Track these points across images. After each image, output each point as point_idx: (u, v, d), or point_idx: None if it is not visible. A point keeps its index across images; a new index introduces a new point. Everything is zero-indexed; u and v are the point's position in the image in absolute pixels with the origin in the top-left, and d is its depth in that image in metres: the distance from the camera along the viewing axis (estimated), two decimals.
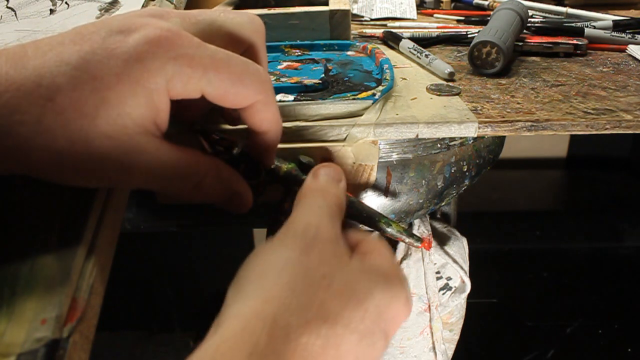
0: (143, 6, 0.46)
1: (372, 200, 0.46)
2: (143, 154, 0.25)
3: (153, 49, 0.24)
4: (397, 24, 0.67)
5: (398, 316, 0.25)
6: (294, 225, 0.26)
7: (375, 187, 0.45)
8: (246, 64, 0.27)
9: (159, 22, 0.26)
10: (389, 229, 0.34)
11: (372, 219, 0.35)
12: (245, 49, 0.31)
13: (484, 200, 1.63)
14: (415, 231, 0.56)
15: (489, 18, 0.57)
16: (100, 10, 0.47)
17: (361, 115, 0.38)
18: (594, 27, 0.61)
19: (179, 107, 0.29)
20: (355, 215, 0.34)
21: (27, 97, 0.23)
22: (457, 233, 0.61)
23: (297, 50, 0.53)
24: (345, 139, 0.38)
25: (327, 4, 0.54)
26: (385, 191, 0.45)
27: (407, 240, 0.35)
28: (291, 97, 0.41)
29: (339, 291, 0.23)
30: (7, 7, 0.47)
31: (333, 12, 0.52)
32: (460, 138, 0.45)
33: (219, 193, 0.30)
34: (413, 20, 0.70)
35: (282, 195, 0.35)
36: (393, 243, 0.58)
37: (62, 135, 0.23)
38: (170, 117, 0.27)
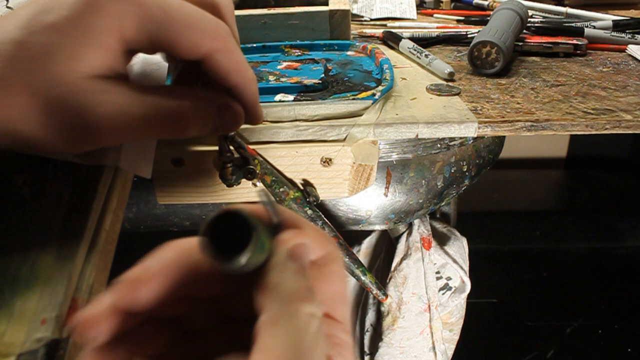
0: None
1: (372, 200, 0.46)
2: (101, 98, 0.24)
3: None
4: (397, 24, 0.67)
5: None
6: None
7: (375, 187, 0.45)
8: (200, 12, 0.26)
9: None
10: (362, 277, 0.38)
11: (350, 266, 0.38)
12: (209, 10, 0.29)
13: (484, 200, 1.63)
14: (415, 231, 0.56)
15: (488, 18, 0.57)
16: None
17: (361, 115, 0.38)
18: (594, 27, 0.61)
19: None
20: None
21: None
22: (457, 233, 0.61)
23: (297, 50, 0.53)
24: (345, 139, 0.38)
25: (327, 4, 0.54)
26: (385, 191, 0.45)
27: (374, 291, 0.40)
28: (291, 97, 0.41)
29: None
30: (7, 7, 0.47)
31: (333, 12, 0.52)
32: (460, 138, 0.45)
33: (206, 118, 0.28)
34: (413, 20, 0.70)
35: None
36: (393, 242, 0.58)
37: (22, 89, 0.23)
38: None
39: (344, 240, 0.36)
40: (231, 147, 0.34)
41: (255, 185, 0.36)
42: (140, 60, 0.36)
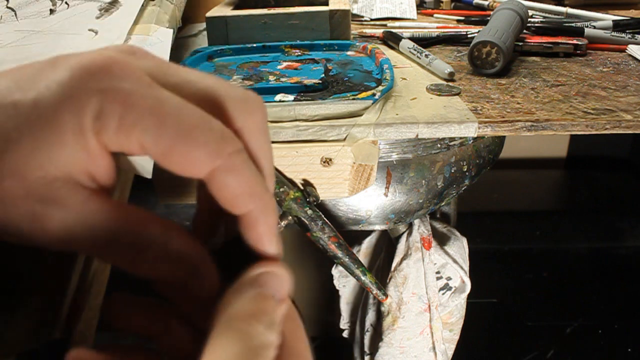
0: (143, 6, 0.46)
1: (372, 200, 0.46)
2: (61, 206, 0.20)
3: (81, 79, 0.20)
4: (397, 24, 0.67)
5: None
6: None
7: (375, 187, 0.45)
8: (204, 118, 0.20)
9: (110, 51, 0.21)
10: (362, 277, 0.38)
11: (350, 266, 0.38)
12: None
13: (484, 200, 1.63)
14: (415, 231, 0.56)
15: (489, 18, 0.57)
16: (100, 10, 0.47)
17: (361, 115, 0.38)
18: (594, 27, 0.61)
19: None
20: (337, 257, 0.37)
21: None
22: (457, 233, 0.61)
23: (297, 50, 0.53)
24: (345, 139, 0.38)
25: (327, 4, 0.54)
26: (385, 191, 0.45)
27: (374, 291, 0.38)
28: (291, 97, 0.41)
29: None
30: (7, 7, 0.47)
31: (333, 12, 0.52)
32: (460, 138, 0.45)
33: (168, 268, 0.21)
34: (413, 20, 0.70)
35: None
36: (393, 242, 0.58)
37: None
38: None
39: (344, 240, 0.36)
40: None
41: None
42: None
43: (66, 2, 0.48)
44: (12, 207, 0.20)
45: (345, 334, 0.76)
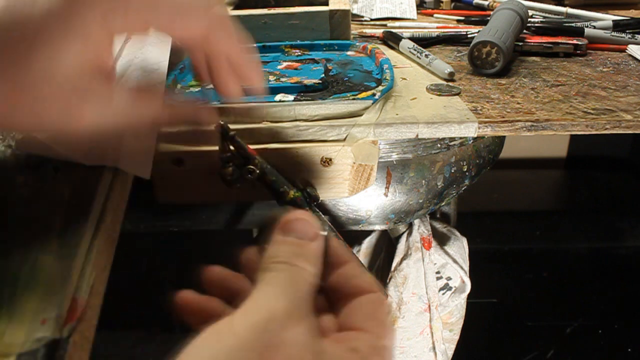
0: None
1: (372, 200, 0.46)
2: (87, 96, 0.23)
3: None
4: (397, 24, 0.67)
5: None
6: (253, 313, 0.20)
7: (375, 187, 0.45)
8: None
9: None
10: None
11: None
12: None
13: (484, 200, 1.63)
14: (415, 231, 0.56)
15: (489, 18, 0.57)
16: None
17: (361, 115, 0.38)
18: (594, 27, 0.61)
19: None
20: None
21: None
22: (457, 233, 0.61)
23: (297, 50, 0.53)
24: (345, 139, 0.38)
25: (327, 4, 0.54)
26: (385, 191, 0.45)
27: None
28: (291, 97, 0.41)
29: None
30: None
31: (333, 12, 0.52)
32: (460, 138, 0.45)
33: (183, 132, 0.29)
34: (413, 20, 0.70)
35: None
36: (393, 242, 0.58)
37: (1, 87, 0.23)
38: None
39: (344, 241, 0.36)
40: (231, 147, 0.34)
41: (253, 185, 0.36)
42: (140, 60, 0.36)
43: None
44: (47, 103, 0.23)
45: None
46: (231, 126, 0.36)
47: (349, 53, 0.53)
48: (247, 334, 0.19)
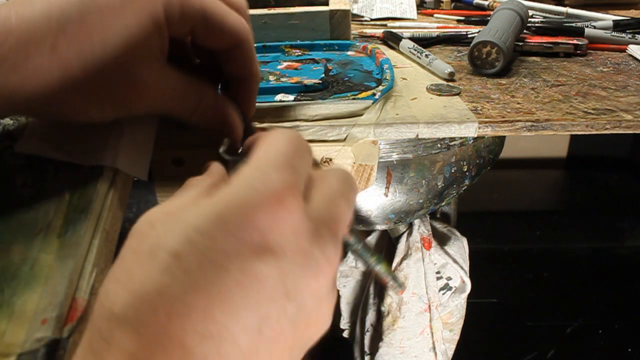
0: None
1: (372, 200, 0.46)
2: (149, 74, 0.27)
3: None
4: (397, 24, 0.67)
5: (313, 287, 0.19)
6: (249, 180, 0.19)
7: (375, 187, 0.45)
8: (227, 7, 0.29)
9: None
10: (376, 267, 0.35)
11: (363, 254, 0.35)
12: None
13: (484, 200, 1.63)
14: (415, 231, 0.56)
15: (489, 18, 0.57)
16: None
17: (361, 115, 0.38)
18: (594, 27, 0.61)
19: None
20: (348, 244, 0.35)
21: (38, 30, 0.25)
22: (457, 233, 0.61)
23: (297, 50, 0.53)
24: (345, 139, 0.38)
25: (327, 4, 0.54)
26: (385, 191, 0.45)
27: (390, 282, 0.35)
28: (291, 97, 0.41)
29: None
30: None
31: (333, 12, 0.52)
32: (460, 138, 0.45)
33: (214, 114, 0.31)
34: (413, 20, 0.70)
35: None
36: (393, 242, 0.58)
37: (75, 62, 0.25)
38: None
39: (355, 226, 0.35)
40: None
41: None
42: None
43: None
44: (111, 84, 0.26)
45: (345, 334, 0.76)
46: None
47: (349, 53, 0.53)
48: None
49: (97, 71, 0.26)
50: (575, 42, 0.55)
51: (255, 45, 0.52)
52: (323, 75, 0.46)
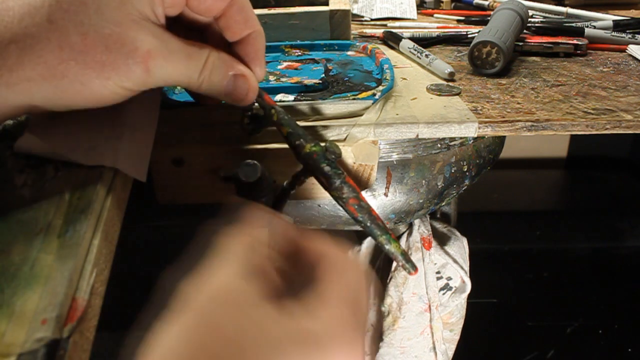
0: None
1: (373, 200, 0.46)
2: (148, 38, 0.27)
3: None
4: (397, 24, 0.67)
5: None
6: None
7: (375, 187, 0.45)
8: None
9: None
10: (387, 246, 0.32)
11: (373, 231, 0.33)
12: None
13: (484, 200, 1.63)
14: (415, 231, 0.56)
15: (489, 18, 0.57)
16: None
17: (361, 115, 0.38)
18: (594, 27, 0.61)
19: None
20: (357, 221, 0.33)
21: (33, 3, 0.25)
22: (457, 233, 0.61)
23: (297, 50, 0.53)
24: (345, 139, 0.38)
25: (327, 4, 0.54)
26: (385, 191, 0.45)
27: (401, 262, 0.32)
28: (291, 97, 0.41)
29: None
30: None
31: (333, 12, 0.52)
32: (461, 138, 0.45)
33: (223, 75, 0.31)
34: (413, 20, 0.70)
35: (295, 175, 0.35)
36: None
37: (73, 30, 0.25)
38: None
39: (366, 203, 0.33)
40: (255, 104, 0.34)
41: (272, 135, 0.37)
42: None
43: None
44: (111, 49, 0.26)
45: None
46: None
47: (349, 53, 0.53)
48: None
49: (95, 38, 0.26)
50: (575, 42, 0.55)
51: None
52: (323, 75, 0.46)
